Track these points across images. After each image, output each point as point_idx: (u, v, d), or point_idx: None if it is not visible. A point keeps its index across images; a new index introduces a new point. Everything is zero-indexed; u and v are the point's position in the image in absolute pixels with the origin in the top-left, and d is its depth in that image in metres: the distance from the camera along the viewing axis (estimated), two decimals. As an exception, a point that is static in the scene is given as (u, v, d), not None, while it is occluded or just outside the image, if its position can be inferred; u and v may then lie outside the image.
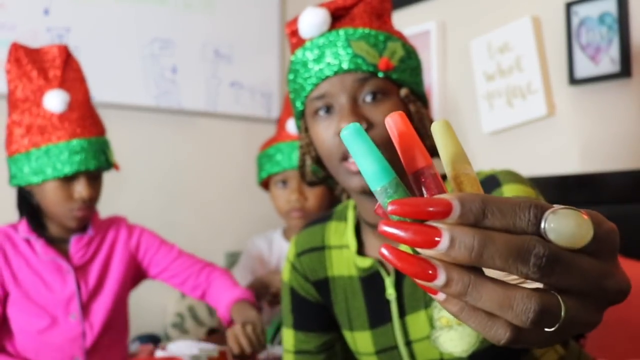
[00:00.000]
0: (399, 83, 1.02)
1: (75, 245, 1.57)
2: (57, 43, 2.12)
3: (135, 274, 1.68)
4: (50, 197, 1.48)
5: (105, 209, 1.72)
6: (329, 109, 1.01)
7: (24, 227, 1.54)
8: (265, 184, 1.95)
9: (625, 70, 1.74)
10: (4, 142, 1.55)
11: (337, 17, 1.04)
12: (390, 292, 1.04)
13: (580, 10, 1.83)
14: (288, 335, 1.17)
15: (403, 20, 2.42)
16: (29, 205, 1.53)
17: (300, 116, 1.07)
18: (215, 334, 2.12)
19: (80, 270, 1.56)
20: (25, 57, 1.50)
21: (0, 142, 1.59)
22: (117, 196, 1.77)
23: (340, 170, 1.00)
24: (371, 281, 1.06)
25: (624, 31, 1.74)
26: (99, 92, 1.73)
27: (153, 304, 2.26)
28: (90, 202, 1.52)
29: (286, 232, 1.92)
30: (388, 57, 1.00)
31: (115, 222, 1.67)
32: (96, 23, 2.24)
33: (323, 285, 1.12)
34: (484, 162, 1.93)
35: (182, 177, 2.48)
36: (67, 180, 1.48)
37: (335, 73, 1.00)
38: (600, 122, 1.81)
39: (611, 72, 1.76)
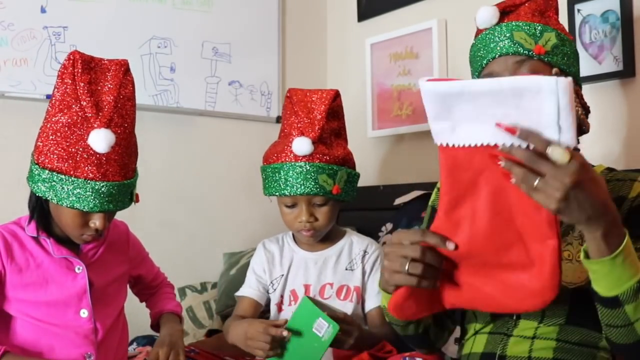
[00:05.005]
0: (551, 64, 1.28)
1: (86, 244, 1.56)
2: (54, 41, 2.11)
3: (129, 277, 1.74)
4: (65, 219, 1.46)
5: (103, 209, 1.71)
6: None
7: (31, 226, 1.52)
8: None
9: (628, 70, 1.72)
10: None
11: (506, 13, 1.34)
12: None
13: (584, 8, 1.81)
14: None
15: (405, 18, 2.40)
16: (40, 207, 1.50)
17: None
18: (215, 334, 2.11)
19: (91, 268, 1.56)
20: (81, 74, 1.42)
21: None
22: (115, 196, 1.76)
23: None
24: None
25: (627, 29, 1.72)
26: (96, 91, 1.72)
27: (151, 305, 2.24)
28: (103, 231, 1.50)
29: (296, 238, 1.87)
30: (542, 44, 1.27)
31: (117, 224, 1.69)
32: (93, 21, 2.23)
33: None
34: (485, 161, 1.91)
35: (181, 177, 2.46)
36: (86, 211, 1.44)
37: (500, 55, 1.29)
38: (603, 121, 1.80)
39: (614, 71, 1.75)
